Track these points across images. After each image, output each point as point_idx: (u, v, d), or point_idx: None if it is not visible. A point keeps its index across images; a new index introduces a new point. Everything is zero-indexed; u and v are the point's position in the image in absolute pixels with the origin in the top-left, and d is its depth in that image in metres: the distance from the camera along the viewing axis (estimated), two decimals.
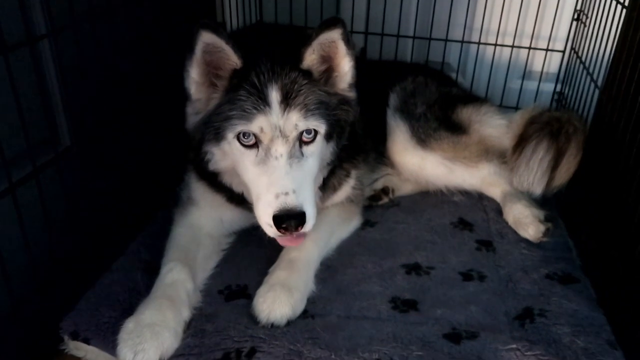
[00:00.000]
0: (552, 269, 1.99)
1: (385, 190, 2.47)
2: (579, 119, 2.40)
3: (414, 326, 1.73)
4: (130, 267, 1.91)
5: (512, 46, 2.95)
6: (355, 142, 2.03)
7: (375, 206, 2.40)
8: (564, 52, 2.95)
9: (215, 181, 1.89)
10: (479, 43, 2.99)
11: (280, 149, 1.61)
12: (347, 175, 2.10)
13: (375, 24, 3.03)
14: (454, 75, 3.04)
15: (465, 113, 2.51)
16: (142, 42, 2.08)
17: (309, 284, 1.83)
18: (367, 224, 2.25)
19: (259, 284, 1.77)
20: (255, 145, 1.64)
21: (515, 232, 2.20)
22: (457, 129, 2.45)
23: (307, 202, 1.60)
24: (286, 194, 1.57)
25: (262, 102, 1.61)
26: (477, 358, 1.60)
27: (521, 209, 2.23)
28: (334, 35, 1.67)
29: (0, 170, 1.48)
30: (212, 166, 1.79)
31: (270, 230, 1.61)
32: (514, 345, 1.63)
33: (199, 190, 1.97)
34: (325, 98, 1.71)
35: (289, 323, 1.70)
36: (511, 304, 1.84)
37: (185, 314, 1.67)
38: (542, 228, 2.14)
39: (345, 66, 1.74)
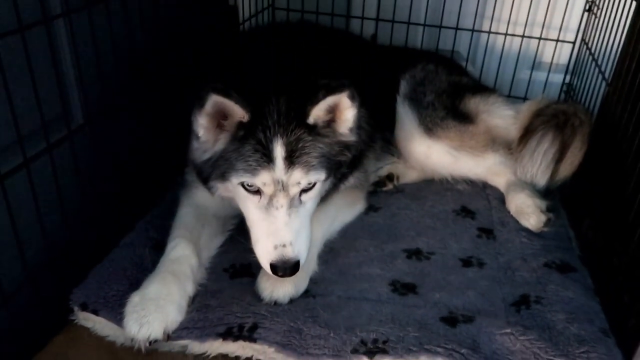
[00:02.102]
0: (551, 257, 2.02)
1: (390, 177, 2.50)
2: (585, 111, 2.41)
3: (412, 309, 1.77)
4: (138, 244, 1.96)
5: (523, 36, 2.95)
6: (354, 161, 2.01)
7: (380, 192, 2.44)
8: (574, 43, 2.94)
9: None
10: (489, 32, 2.99)
11: (282, 200, 1.67)
12: (346, 179, 2.09)
13: (386, 11, 3.03)
14: (463, 64, 3.04)
15: (473, 103, 2.52)
16: (155, 23, 2.11)
17: (312, 265, 1.88)
18: (371, 209, 2.29)
19: None
20: (259, 192, 1.69)
21: (516, 221, 2.23)
22: (465, 118, 2.47)
23: (302, 250, 1.69)
24: (284, 245, 1.65)
25: (267, 158, 1.64)
26: (472, 341, 1.64)
27: (524, 199, 2.26)
28: (340, 97, 1.70)
29: (15, 145, 1.54)
30: (216, 194, 1.84)
31: (268, 270, 1.69)
32: (509, 330, 1.66)
33: (201, 184, 1.96)
34: (327, 150, 1.74)
35: (291, 301, 1.76)
36: (508, 290, 1.87)
37: (190, 288, 1.73)
38: (543, 218, 2.17)
39: (348, 115, 1.76)
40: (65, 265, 1.78)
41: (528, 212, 2.21)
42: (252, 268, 1.89)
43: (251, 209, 1.72)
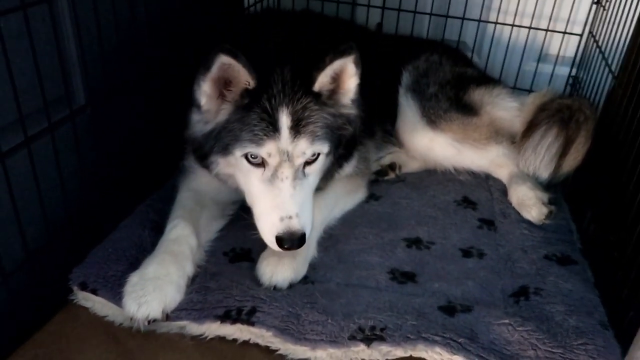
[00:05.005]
0: (552, 250, 2.01)
1: (392, 166, 2.49)
2: (590, 107, 2.39)
3: (410, 297, 1.77)
4: (137, 225, 1.95)
5: (530, 27, 2.92)
6: (353, 143, 2.02)
7: (382, 181, 2.43)
8: (581, 35, 2.91)
9: None
10: (496, 23, 2.97)
11: (287, 171, 1.67)
12: (340, 167, 2.07)
13: None
14: (469, 54, 3.02)
15: (477, 94, 2.51)
16: (158, 5, 2.10)
17: (312, 250, 1.88)
18: (372, 197, 2.28)
19: (263, 248, 1.80)
20: (262, 164, 1.68)
21: (518, 213, 2.22)
22: (468, 110, 2.46)
23: (307, 223, 1.69)
24: (290, 217, 1.65)
25: (273, 127, 1.63)
26: (470, 330, 1.64)
27: (526, 191, 2.25)
28: (347, 61, 1.70)
29: (17, 124, 1.53)
30: (215, 171, 1.83)
31: (272, 244, 1.68)
32: (507, 321, 1.66)
33: (199, 170, 1.97)
34: (331, 121, 1.75)
35: (291, 286, 1.76)
36: (508, 281, 1.87)
37: (189, 268, 1.73)
38: (544, 210, 2.16)
39: (351, 84, 1.77)
40: (65, 246, 1.78)
41: (530, 204, 2.20)
42: (252, 253, 1.89)
43: (254, 182, 1.71)
